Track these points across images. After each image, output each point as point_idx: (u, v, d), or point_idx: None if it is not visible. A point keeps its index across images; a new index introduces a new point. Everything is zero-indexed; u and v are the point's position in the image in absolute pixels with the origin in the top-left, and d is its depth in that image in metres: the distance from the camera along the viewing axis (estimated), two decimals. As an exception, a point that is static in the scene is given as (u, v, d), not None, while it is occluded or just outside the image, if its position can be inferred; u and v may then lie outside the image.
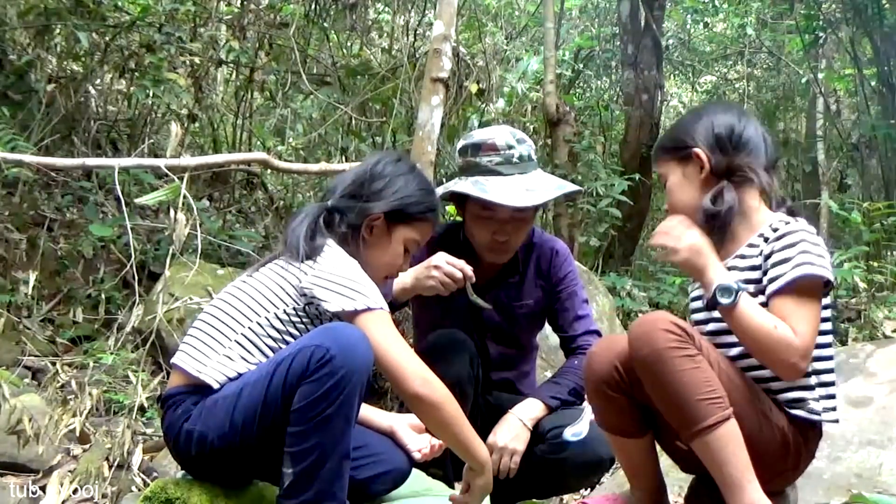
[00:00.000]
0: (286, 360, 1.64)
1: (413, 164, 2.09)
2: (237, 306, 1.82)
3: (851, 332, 4.66)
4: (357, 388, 1.62)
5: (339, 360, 1.59)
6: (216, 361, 1.77)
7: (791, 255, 1.71)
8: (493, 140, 2.26)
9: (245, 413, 1.66)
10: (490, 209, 2.23)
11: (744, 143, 1.85)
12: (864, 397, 2.64)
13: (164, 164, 3.00)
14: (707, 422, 1.60)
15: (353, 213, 1.91)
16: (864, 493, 2.10)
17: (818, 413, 1.76)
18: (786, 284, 1.69)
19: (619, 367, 1.72)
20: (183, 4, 4.90)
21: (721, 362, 1.70)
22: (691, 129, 1.89)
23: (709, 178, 1.84)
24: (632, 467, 1.89)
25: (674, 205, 1.91)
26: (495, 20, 7.17)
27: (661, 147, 1.97)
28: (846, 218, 5.19)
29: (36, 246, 4.00)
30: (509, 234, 2.25)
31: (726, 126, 1.85)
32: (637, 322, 1.71)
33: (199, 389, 1.76)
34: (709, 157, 1.84)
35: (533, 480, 2.19)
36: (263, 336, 1.78)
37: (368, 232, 1.91)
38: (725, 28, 9.80)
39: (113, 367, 3.35)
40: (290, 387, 1.61)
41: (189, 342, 1.82)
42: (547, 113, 6.16)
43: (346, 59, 6.39)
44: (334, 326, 1.69)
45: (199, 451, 1.72)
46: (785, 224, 1.78)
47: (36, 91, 4.59)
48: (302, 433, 1.60)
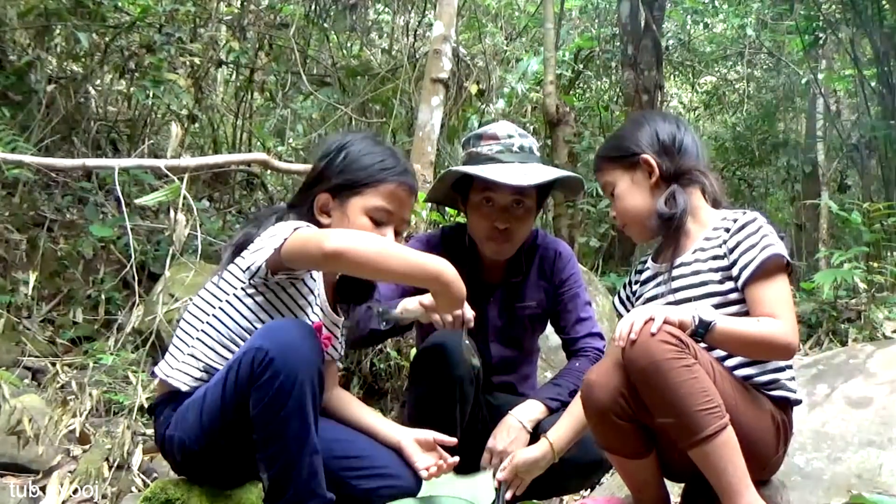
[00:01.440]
0: (234, 365, 1.63)
1: (363, 135, 1.99)
2: (192, 310, 1.83)
3: (851, 332, 4.65)
4: (306, 385, 1.58)
5: (279, 362, 1.56)
6: (181, 363, 1.78)
7: (756, 240, 1.79)
8: (493, 130, 2.29)
9: (210, 417, 1.67)
10: (489, 194, 2.23)
11: (686, 148, 1.94)
12: (864, 398, 2.64)
13: (164, 164, 3.00)
14: (707, 431, 1.61)
15: (306, 201, 1.86)
16: (864, 494, 2.10)
17: (794, 391, 1.84)
18: (758, 267, 1.76)
19: (625, 392, 1.72)
20: (183, 5, 4.90)
21: (713, 363, 1.72)
22: (635, 136, 1.96)
23: (658, 183, 1.91)
24: (636, 483, 1.88)
25: (624, 210, 1.96)
26: (495, 21, 7.18)
27: (605, 157, 2.01)
28: (846, 218, 5.19)
29: (36, 246, 4.00)
30: (510, 222, 2.25)
31: (669, 133, 1.94)
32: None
33: (175, 396, 1.77)
34: (658, 163, 1.91)
35: (533, 481, 2.19)
36: (222, 328, 1.78)
37: (325, 216, 1.84)
38: (725, 28, 9.81)
39: (113, 368, 3.35)
40: (242, 393, 1.61)
41: (169, 349, 1.85)
42: (547, 113, 6.16)
43: (346, 60, 6.40)
44: (271, 325, 1.68)
45: (184, 456, 1.75)
46: (743, 214, 1.85)
47: (36, 92, 4.59)
48: (265, 440, 1.61)
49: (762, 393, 1.80)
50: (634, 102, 7.04)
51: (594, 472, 2.26)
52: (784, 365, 1.84)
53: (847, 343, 4.39)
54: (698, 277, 1.84)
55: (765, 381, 1.81)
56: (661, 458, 1.83)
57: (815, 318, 4.97)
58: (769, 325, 1.71)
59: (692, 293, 1.84)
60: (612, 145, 2.05)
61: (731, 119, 10.50)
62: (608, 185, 1.99)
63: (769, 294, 1.76)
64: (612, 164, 1.99)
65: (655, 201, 1.90)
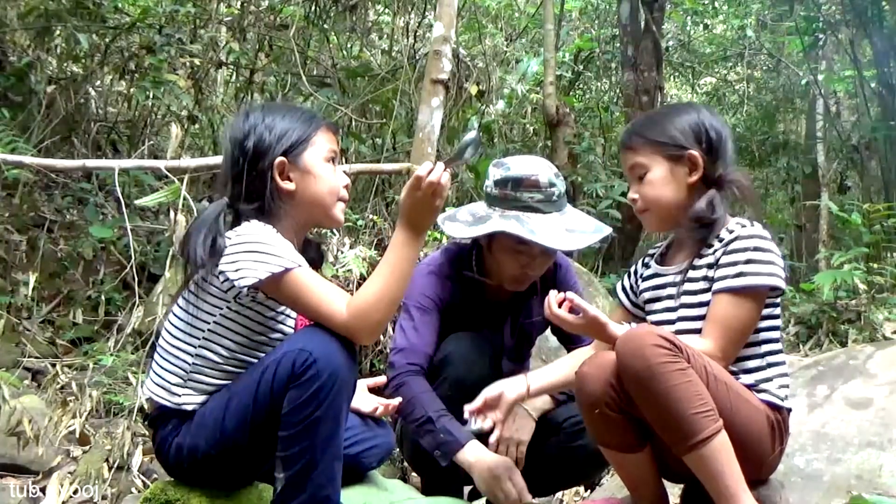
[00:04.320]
0: (271, 365, 1.64)
1: (261, 105, 2.01)
2: (186, 320, 1.77)
3: (851, 333, 4.65)
4: (343, 390, 1.62)
5: (321, 363, 1.58)
6: (189, 389, 1.76)
7: (737, 259, 1.75)
8: (536, 177, 2.20)
9: (235, 419, 1.66)
10: (526, 244, 2.20)
11: (727, 151, 1.87)
12: (864, 399, 2.63)
13: (164, 165, 3.00)
14: (701, 435, 1.61)
15: (254, 184, 1.78)
16: (863, 495, 2.10)
17: (782, 399, 1.81)
18: (726, 288, 1.75)
19: (614, 384, 1.72)
20: (183, 6, 4.91)
21: (706, 366, 1.71)
22: (684, 127, 1.87)
23: (696, 184, 1.85)
24: (632, 480, 1.89)
25: (654, 198, 1.88)
26: (495, 22, 7.18)
27: (647, 139, 1.89)
28: (846, 219, 5.19)
29: (36, 247, 4.00)
30: (538, 266, 2.26)
31: (717, 132, 1.86)
32: (624, 338, 1.69)
33: (178, 413, 1.76)
34: (704, 165, 1.84)
35: (548, 473, 2.20)
36: (220, 350, 1.75)
37: (286, 180, 1.80)
38: (725, 30, 9.82)
39: (113, 369, 3.35)
40: (278, 392, 1.61)
41: (154, 369, 1.81)
42: (547, 114, 6.17)
43: (346, 61, 6.40)
44: (313, 330, 1.68)
45: (192, 462, 1.73)
46: (741, 227, 1.80)
47: (36, 93, 4.60)
48: (291, 437, 1.60)
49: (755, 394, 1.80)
50: (634, 103, 7.04)
51: (593, 465, 2.26)
52: (774, 374, 1.81)
53: (847, 344, 4.39)
54: (700, 284, 1.83)
55: (749, 383, 1.79)
56: (659, 459, 1.83)
57: (815, 319, 4.96)
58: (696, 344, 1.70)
59: (698, 298, 1.83)
60: (657, 129, 1.91)
61: (731, 120, 10.49)
62: (640, 166, 1.88)
63: (721, 315, 1.74)
64: (652, 148, 1.87)
65: (689, 198, 1.84)
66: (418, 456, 2.22)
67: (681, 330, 1.83)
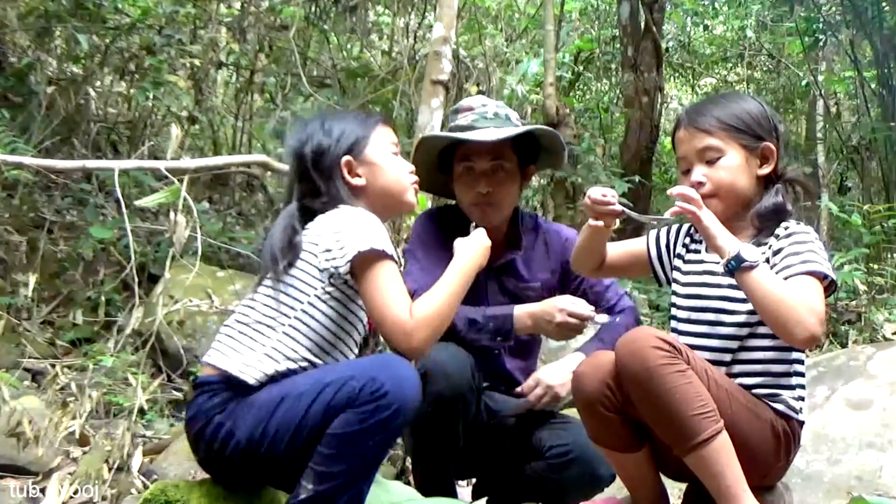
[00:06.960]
0: (335, 383, 1.62)
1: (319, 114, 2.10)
2: (272, 305, 1.78)
3: (851, 334, 4.65)
4: (402, 428, 1.65)
5: (392, 397, 1.59)
6: (257, 360, 1.73)
7: (801, 250, 1.73)
8: (468, 102, 2.37)
9: (279, 425, 1.64)
10: (468, 162, 2.30)
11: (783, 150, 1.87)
12: (865, 400, 2.64)
13: (164, 166, 2.99)
14: (702, 436, 1.61)
15: (323, 184, 1.85)
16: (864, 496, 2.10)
17: (796, 411, 1.78)
18: (794, 274, 1.70)
19: (611, 384, 1.72)
20: (183, 7, 4.91)
21: (708, 370, 1.70)
22: (764, 119, 1.85)
23: (764, 177, 1.84)
24: (631, 480, 1.89)
25: (728, 185, 1.81)
26: (495, 22, 7.18)
27: (727, 124, 1.83)
28: (846, 220, 5.19)
29: (36, 248, 4.00)
30: (491, 186, 2.29)
31: (783, 130, 1.87)
32: (624, 340, 1.69)
33: (235, 386, 1.72)
34: (778, 160, 1.84)
35: (530, 495, 2.20)
36: (306, 329, 1.75)
37: (355, 176, 1.88)
38: (725, 30, 9.82)
39: (113, 370, 3.35)
40: (333, 411, 1.60)
41: (224, 342, 1.79)
42: (547, 115, 6.16)
43: (346, 62, 6.40)
44: (388, 360, 1.68)
45: (222, 447, 1.69)
46: (796, 224, 1.79)
47: (36, 93, 4.60)
48: (334, 456, 1.59)
49: (765, 403, 1.76)
50: (634, 104, 7.04)
51: (593, 490, 2.22)
52: (794, 384, 1.78)
53: (847, 345, 4.39)
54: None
55: (765, 393, 1.76)
56: (660, 457, 1.83)
57: (816, 320, 4.96)
58: (805, 298, 1.63)
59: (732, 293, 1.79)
60: (736, 115, 1.84)
61: (731, 121, 10.48)
62: (714, 149, 1.82)
63: (802, 287, 1.67)
64: (730, 134, 1.82)
65: (757, 190, 1.82)
66: (417, 452, 2.20)
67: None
